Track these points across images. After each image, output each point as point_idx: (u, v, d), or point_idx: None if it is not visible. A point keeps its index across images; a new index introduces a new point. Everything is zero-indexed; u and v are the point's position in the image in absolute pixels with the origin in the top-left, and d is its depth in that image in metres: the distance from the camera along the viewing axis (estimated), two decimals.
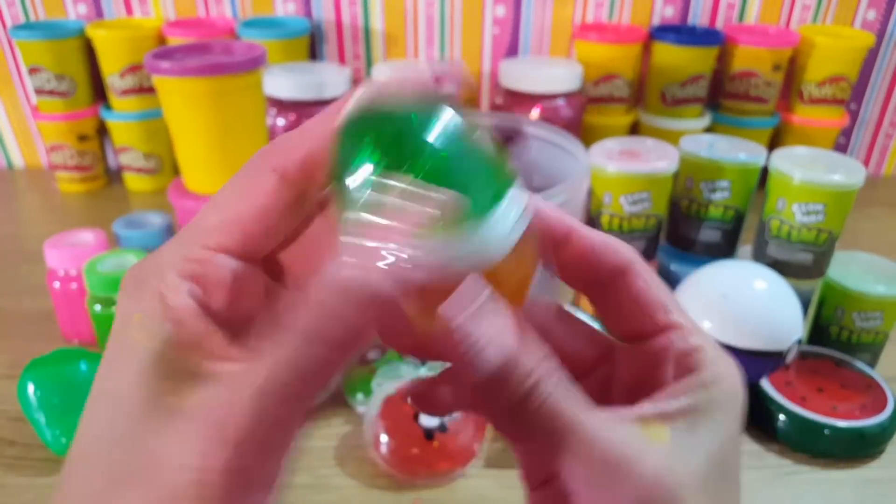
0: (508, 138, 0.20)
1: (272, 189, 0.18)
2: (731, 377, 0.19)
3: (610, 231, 0.55)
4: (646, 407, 0.18)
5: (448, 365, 0.20)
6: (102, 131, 0.87)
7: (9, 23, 0.86)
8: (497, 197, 0.16)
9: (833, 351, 0.53)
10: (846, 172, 0.51)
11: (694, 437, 0.18)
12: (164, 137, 0.86)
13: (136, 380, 0.16)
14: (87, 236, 0.56)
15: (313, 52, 0.88)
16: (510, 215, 0.16)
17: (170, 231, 0.61)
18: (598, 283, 0.21)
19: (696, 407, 0.18)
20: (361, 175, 0.16)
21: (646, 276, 0.20)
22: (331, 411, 0.50)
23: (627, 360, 0.21)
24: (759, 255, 0.56)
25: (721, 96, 0.86)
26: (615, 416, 0.18)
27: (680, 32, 0.84)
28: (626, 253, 0.20)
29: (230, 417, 0.15)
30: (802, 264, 0.53)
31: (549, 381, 0.17)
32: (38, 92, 0.82)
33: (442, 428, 0.43)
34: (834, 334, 0.53)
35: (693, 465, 0.17)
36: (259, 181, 0.18)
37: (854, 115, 0.92)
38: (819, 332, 0.54)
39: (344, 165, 0.16)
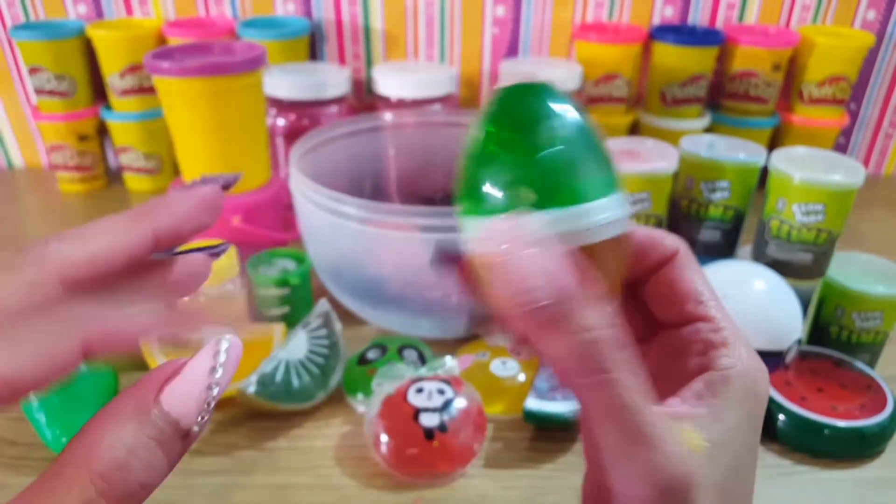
0: None
1: (145, 249, 0.18)
2: (750, 376, 0.19)
3: None
4: (678, 406, 0.19)
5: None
6: (102, 131, 0.87)
7: (9, 23, 0.86)
8: (605, 190, 0.17)
9: (833, 351, 0.53)
10: (846, 172, 0.51)
11: (716, 448, 0.18)
12: (165, 137, 0.86)
13: None
14: None
15: (313, 52, 0.88)
16: (613, 211, 0.18)
17: None
18: (641, 274, 0.22)
19: (718, 412, 0.18)
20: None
21: (683, 266, 0.21)
22: (331, 411, 0.50)
23: (656, 347, 0.22)
24: (759, 255, 0.56)
25: (721, 96, 0.86)
26: (658, 408, 0.18)
27: (680, 32, 0.84)
28: (670, 245, 0.21)
29: None
30: (802, 264, 0.54)
31: (607, 341, 0.17)
32: (38, 92, 0.82)
33: (442, 428, 0.43)
34: (833, 334, 0.53)
35: (713, 476, 0.17)
36: (138, 236, 0.18)
37: (854, 115, 0.92)
38: (819, 331, 0.54)
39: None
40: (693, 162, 0.58)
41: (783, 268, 0.54)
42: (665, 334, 0.22)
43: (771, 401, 0.48)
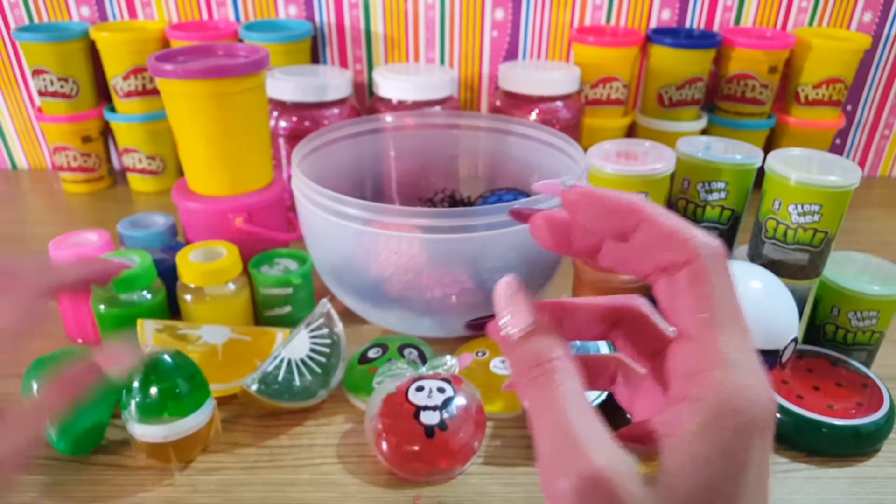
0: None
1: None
2: (724, 405, 0.18)
3: None
4: (650, 429, 0.20)
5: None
6: (106, 133, 0.88)
7: (12, 25, 0.87)
8: None
9: (829, 350, 0.53)
10: (842, 173, 0.51)
11: (670, 476, 0.18)
12: (168, 139, 0.87)
13: None
14: (92, 237, 0.57)
15: (315, 54, 0.89)
16: None
17: (173, 231, 0.61)
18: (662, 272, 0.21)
19: (679, 443, 0.18)
20: None
21: (689, 278, 0.20)
22: (332, 409, 0.50)
23: (668, 357, 0.22)
24: (756, 256, 0.57)
25: (718, 98, 0.87)
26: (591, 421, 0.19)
27: (677, 35, 0.84)
28: (686, 252, 0.20)
29: None
30: (798, 264, 0.54)
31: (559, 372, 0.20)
32: (42, 94, 0.83)
33: (442, 426, 0.43)
34: (830, 334, 0.53)
35: (663, 501, 0.18)
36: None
37: (850, 117, 0.93)
38: (815, 331, 0.54)
39: None
40: (690, 163, 0.58)
41: (779, 268, 0.54)
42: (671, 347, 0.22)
43: None
